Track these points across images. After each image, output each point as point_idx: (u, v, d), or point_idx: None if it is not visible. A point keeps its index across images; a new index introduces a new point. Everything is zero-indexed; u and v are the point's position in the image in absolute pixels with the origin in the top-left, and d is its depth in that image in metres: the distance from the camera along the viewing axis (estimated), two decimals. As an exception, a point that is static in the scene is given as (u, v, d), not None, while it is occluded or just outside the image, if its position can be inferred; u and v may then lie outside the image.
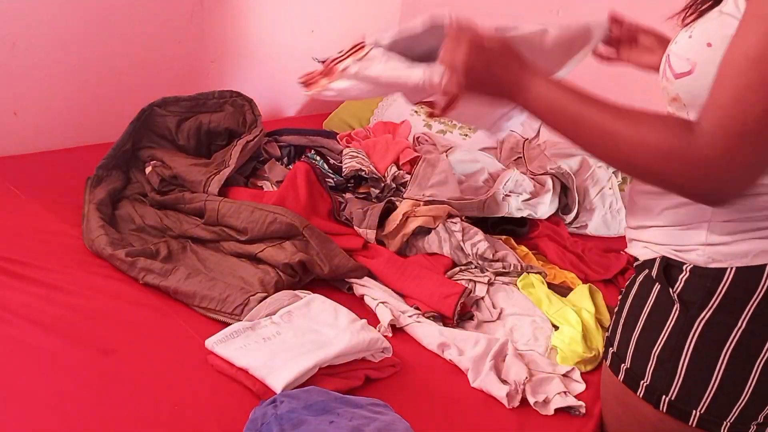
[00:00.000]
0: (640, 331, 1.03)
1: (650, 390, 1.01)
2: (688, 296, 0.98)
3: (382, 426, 1.05)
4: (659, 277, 1.01)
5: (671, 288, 0.99)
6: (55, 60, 2.01)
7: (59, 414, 1.08)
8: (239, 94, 2.06)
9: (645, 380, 1.02)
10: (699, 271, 0.97)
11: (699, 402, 0.98)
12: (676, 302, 0.99)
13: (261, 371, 1.18)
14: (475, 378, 1.31)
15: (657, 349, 1.00)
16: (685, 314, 0.98)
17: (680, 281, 0.99)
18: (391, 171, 2.02)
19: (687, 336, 0.98)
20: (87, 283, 1.42)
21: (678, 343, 0.99)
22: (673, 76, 0.95)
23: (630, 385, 1.04)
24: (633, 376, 1.03)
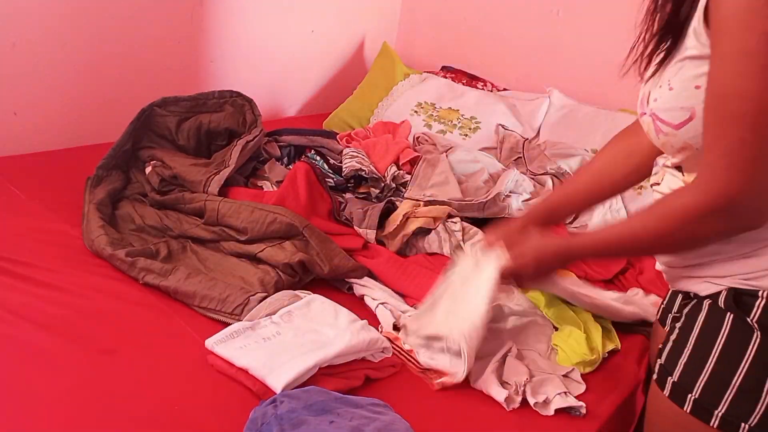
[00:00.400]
0: (714, 362, 0.99)
1: (727, 419, 0.99)
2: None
3: (382, 426, 1.05)
4: (731, 307, 0.98)
5: (747, 316, 0.96)
6: (55, 60, 2.01)
7: (59, 414, 1.08)
8: (239, 94, 2.06)
9: (719, 409, 0.99)
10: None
11: None
12: (756, 330, 0.96)
13: (261, 371, 1.17)
14: (475, 379, 1.31)
15: (738, 379, 0.97)
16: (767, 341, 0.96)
17: (757, 308, 0.96)
18: (391, 171, 2.02)
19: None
20: (87, 283, 1.42)
21: (762, 371, 0.96)
22: (674, 128, 0.97)
23: (699, 415, 1.01)
24: (705, 406, 1.00)
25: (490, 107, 2.52)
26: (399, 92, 2.64)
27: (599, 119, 2.38)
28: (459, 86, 2.66)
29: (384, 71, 2.74)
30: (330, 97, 2.86)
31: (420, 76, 2.73)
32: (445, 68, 2.86)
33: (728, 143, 0.86)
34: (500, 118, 2.47)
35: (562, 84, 2.56)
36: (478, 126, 2.46)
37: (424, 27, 3.04)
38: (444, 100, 2.57)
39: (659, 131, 1.00)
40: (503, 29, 2.77)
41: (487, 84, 2.74)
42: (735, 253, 0.98)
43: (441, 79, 2.71)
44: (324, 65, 2.87)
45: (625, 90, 2.44)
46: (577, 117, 2.43)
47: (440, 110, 2.53)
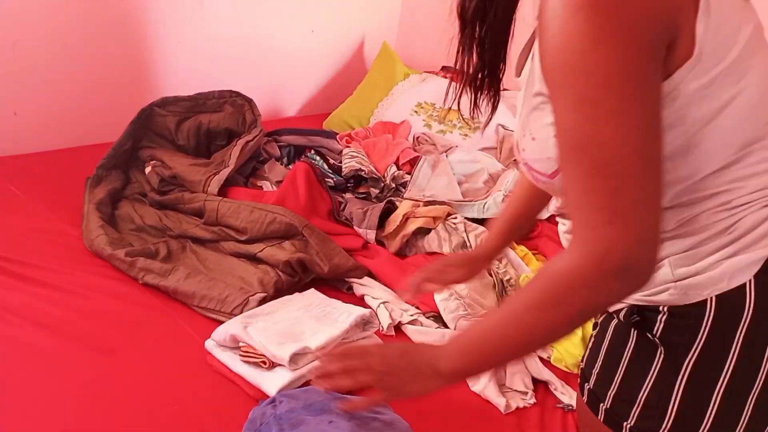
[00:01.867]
0: (622, 374, 0.96)
1: (636, 431, 0.96)
2: (671, 338, 0.92)
3: (382, 426, 1.05)
4: (634, 323, 0.94)
5: (649, 332, 0.92)
6: (55, 60, 2.01)
7: (59, 414, 1.08)
8: (239, 94, 2.06)
9: (628, 422, 0.96)
10: (677, 310, 0.90)
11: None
12: (659, 345, 0.93)
13: (255, 378, 1.18)
14: (474, 383, 1.31)
15: (643, 393, 0.94)
16: (672, 356, 0.91)
17: (660, 322, 0.92)
18: (391, 171, 2.02)
19: (676, 378, 0.92)
20: (87, 283, 1.42)
21: (666, 386, 0.92)
22: (548, 177, 0.91)
23: (611, 426, 0.98)
24: (614, 418, 0.98)
25: (490, 107, 2.52)
26: (399, 92, 2.64)
27: (599, 119, 2.38)
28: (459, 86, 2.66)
29: (384, 71, 2.74)
30: (330, 97, 2.86)
31: (420, 76, 2.73)
32: (445, 68, 2.86)
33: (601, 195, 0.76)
34: (500, 118, 2.47)
35: (562, 84, 2.56)
36: (478, 126, 2.46)
37: (424, 27, 3.04)
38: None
39: (537, 180, 0.94)
40: (503, 29, 2.77)
41: (487, 84, 2.74)
42: None
43: (441, 79, 2.71)
44: (324, 65, 2.87)
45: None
46: (576, 117, 2.43)
47: (440, 110, 2.53)
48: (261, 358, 1.18)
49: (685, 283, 0.89)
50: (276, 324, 1.25)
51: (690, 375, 0.91)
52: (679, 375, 0.91)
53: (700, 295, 0.88)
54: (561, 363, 1.41)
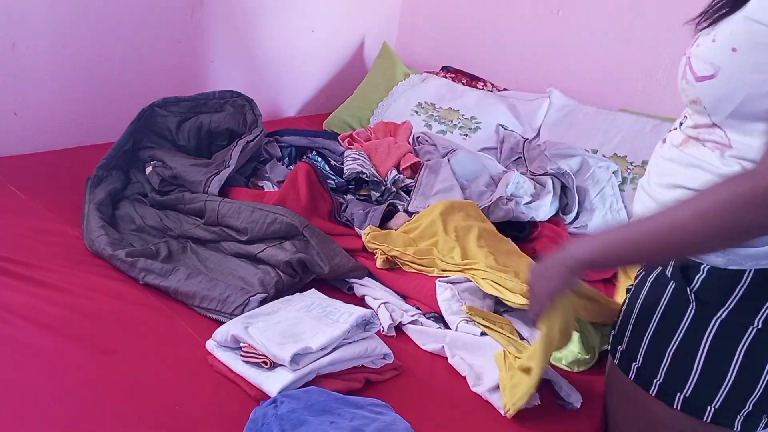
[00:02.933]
0: (653, 329, 1.03)
1: (664, 388, 1.02)
2: (705, 295, 0.99)
3: (383, 426, 1.05)
4: (675, 276, 1.01)
5: (688, 287, 0.99)
6: (55, 60, 2.01)
7: (59, 414, 1.08)
8: (239, 94, 2.06)
9: (658, 378, 1.02)
10: (717, 271, 0.98)
11: (714, 398, 1.00)
12: (693, 301, 0.99)
13: (256, 378, 1.18)
14: (475, 384, 1.31)
15: (672, 347, 1.01)
16: (702, 313, 0.99)
17: (697, 281, 0.99)
18: (392, 175, 2.02)
19: (703, 334, 0.99)
20: (87, 283, 1.42)
21: (694, 341, 0.99)
22: (695, 79, 0.96)
23: (642, 384, 1.05)
24: (645, 375, 1.04)
25: (490, 107, 2.52)
26: (399, 92, 2.64)
27: (599, 119, 2.38)
28: (459, 86, 2.66)
29: (384, 71, 2.74)
30: (330, 97, 2.86)
31: (420, 76, 2.73)
32: (445, 68, 2.86)
33: None
34: (500, 118, 2.47)
35: (562, 84, 2.56)
36: (478, 126, 2.46)
37: (424, 27, 3.04)
38: (444, 100, 2.57)
39: (684, 76, 0.99)
40: (503, 29, 2.77)
41: (487, 84, 2.74)
42: None
43: (441, 79, 2.71)
44: (324, 65, 2.87)
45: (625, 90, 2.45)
46: (577, 117, 2.43)
47: (440, 110, 2.53)
48: (262, 358, 1.18)
49: (734, 251, 0.96)
50: (277, 324, 1.25)
51: (716, 333, 0.98)
52: (706, 331, 0.98)
53: (742, 265, 0.96)
54: (560, 362, 1.41)
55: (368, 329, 1.28)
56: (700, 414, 1.01)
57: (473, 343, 1.37)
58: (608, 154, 2.26)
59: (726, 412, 1.00)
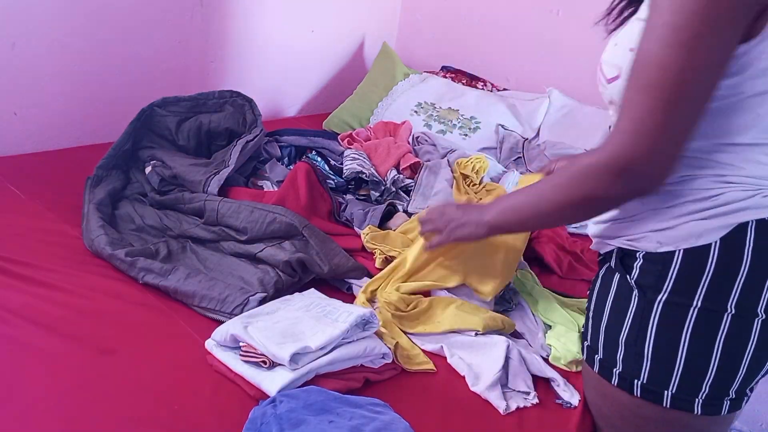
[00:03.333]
0: (606, 320, 1.08)
1: (623, 376, 1.05)
2: (643, 281, 1.03)
3: (382, 426, 1.05)
4: (617, 266, 1.07)
5: (628, 275, 1.04)
6: (55, 60, 2.01)
7: (59, 414, 1.08)
8: (239, 94, 2.06)
9: (617, 368, 1.06)
10: (650, 256, 1.02)
11: (669, 382, 1.02)
12: (635, 288, 1.04)
13: (256, 378, 1.18)
14: (474, 383, 1.31)
15: (623, 336, 1.05)
16: (644, 298, 1.03)
17: (636, 268, 1.04)
18: (392, 174, 2.02)
19: (648, 319, 1.02)
20: (87, 283, 1.42)
21: (641, 327, 1.03)
22: (606, 81, 1.05)
23: (605, 375, 1.08)
24: (606, 366, 1.07)
25: (490, 107, 2.52)
26: (399, 92, 2.64)
27: (599, 119, 2.38)
28: (459, 86, 2.66)
29: (384, 71, 2.75)
30: (330, 97, 2.86)
31: (420, 76, 2.73)
32: (445, 68, 2.86)
33: (639, 110, 0.90)
34: (500, 118, 2.47)
35: (562, 84, 2.56)
36: (478, 126, 2.46)
37: (424, 27, 3.04)
38: (444, 100, 2.57)
39: (599, 82, 1.08)
40: (503, 29, 2.77)
41: (487, 84, 2.74)
42: (623, 216, 1.06)
43: (441, 79, 2.71)
44: (324, 65, 2.88)
45: (625, 90, 2.45)
46: (577, 117, 2.43)
47: (440, 110, 2.53)
48: (261, 357, 1.18)
49: (661, 233, 1.01)
50: (276, 324, 1.25)
51: (660, 316, 1.02)
52: (650, 316, 1.03)
53: (671, 246, 1.00)
54: (559, 361, 1.41)
55: (367, 329, 1.28)
56: (659, 399, 1.03)
57: (472, 343, 1.37)
58: (608, 154, 2.27)
59: (683, 395, 1.02)
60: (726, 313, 0.98)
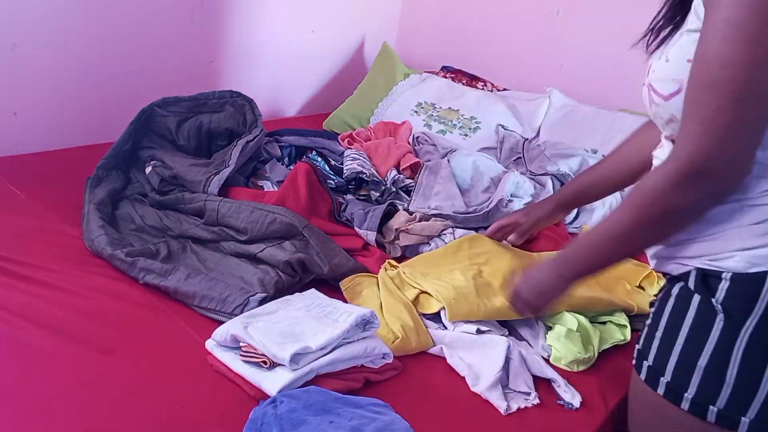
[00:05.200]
0: (683, 344, 1.01)
1: (696, 401, 1.00)
2: (731, 304, 0.97)
3: (382, 426, 1.05)
4: (698, 288, 1.00)
5: (713, 298, 0.98)
6: (55, 60, 2.01)
7: (59, 414, 1.08)
8: (239, 94, 2.06)
9: (689, 393, 1.00)
10: (739, 277, 0.96)
11: (748, 409, 0.98)
12: (720, 312, 0.97)
13: (256, 378, 1.18)
14: (474, 383, 1.31)
15: (703, 361, 0.99)
16: (730, 323, 0.96)
17: (721, 290, 0.97)
18: (392, 175, 2.02)
19: (734, 344, 0.96)
20: (87, 283, 1.42)
21: (726, 352, 0.97)
22: (663, 99, 0.99)
23: (671, 399, 1.02)
24: (675, 389, 1.02)
25: (490, 107, 2.52)
26: (399, 92, 2.64)
27: (599, 119, 2.38)
28: (459, 86, 2.66)
29: (384, 71, 2.75)
30: (330, 97, 2.86)
31: (420, 76, 2.73)
32: (445, 68, 2.86)
33: (705, 110, 0.87)
34: (500, 118, 2.47)
35: (562, 84, 2.56)
36: (478, 126, 2.46)
37: (424, 27, 3.04)
38: (444, 100, 2.57)
39: (651, 101, 1.02)
40: (503, 29, 2.77)
41: (487, 84, 2.74)
42: (702, 234, 0.99)
43: (441, 79, 2.71)
44: (324, 65, 2.87)
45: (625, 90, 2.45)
46: (577, 117, 2.43)
47: (440, 110, 2.53)
48: (261, 357, 1.18)
49: (751, 252, 0.95)
50: (276, 324, 1.25)
51: (748, 342, 0.96)
52: (737, 341, 0.96)
53: (763, 266, 0.94)
54: (560, 362, 1.41)
55: (368, 329, 1.28)
56: (734, 426, 0.99)
57: (472, 343, 1.37)
58: (608, 154, 2.26)
59: (761, 423, 0.98)
60: None
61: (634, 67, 2.36)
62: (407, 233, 1.72)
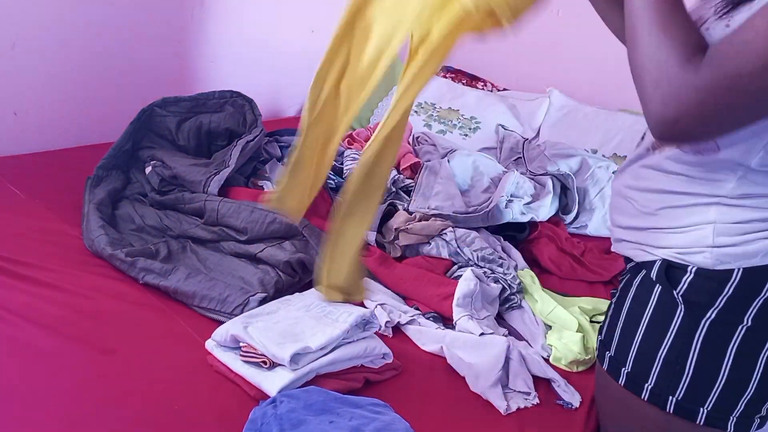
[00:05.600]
0: (642, 333, 1.02)
1: (656, 392, 1.01)
2: (693, 297, 0.98)
3: (382, 426, 1.05)
4: (660, 279, 1.00)
5: (674, 290, 0.99)
6: (55, 60, 2.01)
7: (59, 414, 1.08)
8: (239, 94, 2.06)
9: (649, 383, 1.02)
10: (704, 272, 0.97)
11: (706, 400, 0.99)
12: (680, 303, 0.98)
13: (256, 378, 1.18)
14: (474, 383, 1.31)
15: (663, 351, 1.00)
16: (690, 315, 0.98)
17: (684, 282, 0.98)
18: (392, 175, 2.02)
19: (693, 336, 0.98)
20: (87, 283, 1.42)
21: (684, 344, 0.99)
22: None
23: (632, 389, 1.04)
24: (635, 380, 1.03)
25: (490, 107, 2.52)
26: (399, 92, 2.64)
27: (599, 119, 2.38)
28: (459, 86, 2.66)
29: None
30: (330, 97, 2.86)
31: (420, 76, 2.72)
32: (445, 68, 2.86)
33: (728, 62, 0.81)
34: (500, 118, 2.47)
35: (562, 84, 2.56)
36: (478, 126, 2.46)
37: (424, 27, 3.04)
38: (444, 100, 2.57)
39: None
40: (503, 29, 2.77)
41: (487, 84, 2.74)
42: (673, 226, 0.99)
43: (441, 79, 2.71)
44: (324, 65, 2.87)
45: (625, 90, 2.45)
46: (577, 117, 2.43)
47: (440, 110, 2.53)
48: (261, 358, 1.18)
49: (721, 251, 0.95)
50: (276, 324, 1.25)
51: (706, 334, 0.97)
52: (696, 333, 0.98)
53: (731, 264, 0.95)
54: (560, 362, 1.41)
55: (367, 329, 1.28)
56: (693, 417, 1.00)
57: (472, 343, 1.38)
58: (608, 154, 2.27)
59: (719, 413, 1.00)
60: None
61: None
62: (407, 233, 1.72)
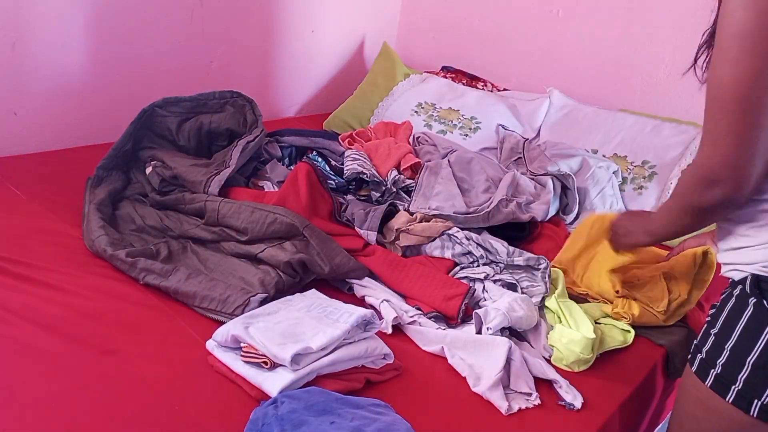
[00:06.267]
0: (735, 340, 1.09)
1: (742, 395, 1.07)
2: None
3: (383, 426, 1.05)
4: (752, 291, 1.08)
5: (765, 300, 1.06)
6: (55, 60, 2.01)
7: (59, 414, 1.08)
8: (240, 94, 2.05)
9: (737, 385, 1.08)
10: None
11: None
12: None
13: (257, 378, 1.18)
14: (475, 384, 1.31)
15: (753, 357, 1.06)
16: None
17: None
18: (392, 175, 2.02)
19: None
20: (87, 283, 1.42)
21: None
22: None
23: (718, 390, 1.10)
24: (723, 381, 1.09)
25: (491, 107, 2.52)
26: (399, 92, 2.64)
27: (599, 119, 2.38)
28: (459, 86, 2.66)
29: (384, 71, 2.74)
30: (330, 97, 2.86)
31: (420, 76, 2.73)
32: (445, 68, 2.86)
33: (709, 122, 1.01)
34: (500, 118, 2.47)
35: (562, 84, 2.56)
36: (478, 126, 2.46)
37: (424, 27, 3.04)
38: (444, 100, 2.57)
39: None
40: (503, 29, 2.77)
41: (487, 84, 2.74)
42: (757, 243, 1.09)
43: (441, 79, 2.71)
44: (324, 65, 2.87)
45: (625, 90, 2.46)
46: (577, 117, 2.43)
47: (440, 110, 2.53)
48: (262, 358, 1.18)
49: None
50: (277, 324, 1.25)
51: None
52: None
53: None
54: (561, 363, 1.41)
55: (368, 329, 1.28)
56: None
57: (473, 344, 1.37)
58: (608, 154, 2.26)
59: None
60: None
61: (634, 67, 2.39)
62: (408, 234, 1.72)
